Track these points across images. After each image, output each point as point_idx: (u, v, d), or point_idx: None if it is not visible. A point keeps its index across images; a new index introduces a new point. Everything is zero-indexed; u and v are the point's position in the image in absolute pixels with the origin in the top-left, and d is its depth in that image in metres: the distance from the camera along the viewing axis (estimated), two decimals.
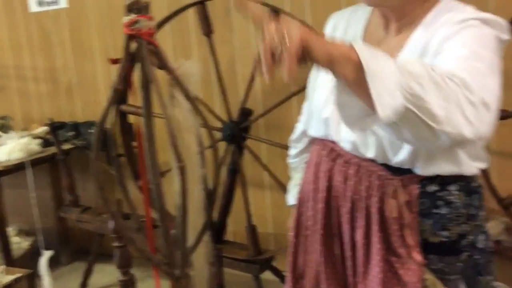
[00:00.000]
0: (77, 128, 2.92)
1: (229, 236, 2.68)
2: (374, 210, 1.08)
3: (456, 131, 0.86)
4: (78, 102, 3.11)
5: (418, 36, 1.07)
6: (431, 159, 1.06)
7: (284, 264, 1.33)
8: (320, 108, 1.19)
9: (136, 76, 0.93)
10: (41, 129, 2.92)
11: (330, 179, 1.17)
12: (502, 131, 2.13)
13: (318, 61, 0.86)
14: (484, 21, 1.02)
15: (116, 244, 2.00)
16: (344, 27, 1.23)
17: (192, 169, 0.88)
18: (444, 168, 1.07)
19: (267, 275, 2.42)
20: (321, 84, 1.20)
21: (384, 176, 1.09)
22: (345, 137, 1.14)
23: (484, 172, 2.06)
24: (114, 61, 0.94)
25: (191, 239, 0.96)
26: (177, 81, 0.86)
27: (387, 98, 0.83)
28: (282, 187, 2.23)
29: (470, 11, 1.07)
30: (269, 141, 2.36)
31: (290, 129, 2.52)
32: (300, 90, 2.14)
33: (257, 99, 2.58)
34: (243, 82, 2.56)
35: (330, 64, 0.86)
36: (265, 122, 2.56)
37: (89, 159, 2.88)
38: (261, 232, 2.66)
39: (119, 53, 2.93)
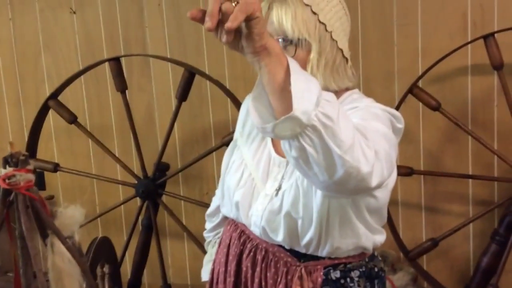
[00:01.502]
0: None
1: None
2: None
3: (355, 164, 0.87)
4: None
5: None
6: (334, 238, 1.10)
7: None
8: (232, 191, 1.21)
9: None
10: None
11: (239, 263, 1.19)
12: (407, 185, 2.29)
13: (254, 41, 0.81)
14: (382, 109, 1.09)
15: None
16: None
17: None
18: (346, 245, 1.11)
19: None
20: (234, 168, 1.23)
21: (290, 262, 1.13)
22: (255, 222, 1.17)
23: (391, 225, 2.17)
24: None
25: None
26: (56, 232, 0.84)
27: (305, 104, 0.82)
28: (199, 243, 2.21)
29: (369, 101, 1.14)
30: (186, 197, 2.34)
31: (209, 180, 2.56)
32: (219, 146, 2.16)
33: (176, 149, 2.56)
34: (161, 131, 2.54)
35: (262, 52, 0.83)
36: (183, 173, 2.54)
37: None
38: (179, 284, 2.62)
39: (27, 100, 2.81)
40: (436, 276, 2.21)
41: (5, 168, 0.82)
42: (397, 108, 2.05)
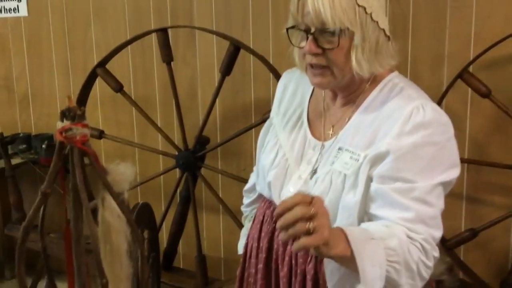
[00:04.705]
0: (29, 141, 2.85)
1: (179, 258, 2.67)
2: (309, 277, 1.10)
3: None
4: (32, 114, 3.04)
5: (357, 118, 1.11)
6: None
7: None
8: (266, 170, 1.21)
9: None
10: None
11: (271, 240, 1.20)
12: None
13: (329, 256, 0.94)
14: (427, 124, 1.03)
15: None
16: (294, 88, 1.25)
17: (121, 269, 0.89)
18: None
19: None
20: (269, 148, 1.22)
21: None
22: None
23: None
24: (45, 161, 0.93)
25: None
26: (107, 187, 0.86)
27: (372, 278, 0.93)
28: (235, 217, 2.24)
29: (415, 91, 1.09)
30: (224, 171, 2.36)
31: (247, 156, 2.57)
32: (259, 123, 2.16)
33: (216, 124, 2.58)
34: (203, 105, 2.56)
35: (322, 248, 0.91)
36: (222, 148, 2.56)
37: (38, 175, 2.83)
38: (213, 256, 2.66)
39: (75, 67, 2.88)
40: (473, 268, 2.16)
41: (62, 121, 0.85)
42: (445, 94, 1.99)
